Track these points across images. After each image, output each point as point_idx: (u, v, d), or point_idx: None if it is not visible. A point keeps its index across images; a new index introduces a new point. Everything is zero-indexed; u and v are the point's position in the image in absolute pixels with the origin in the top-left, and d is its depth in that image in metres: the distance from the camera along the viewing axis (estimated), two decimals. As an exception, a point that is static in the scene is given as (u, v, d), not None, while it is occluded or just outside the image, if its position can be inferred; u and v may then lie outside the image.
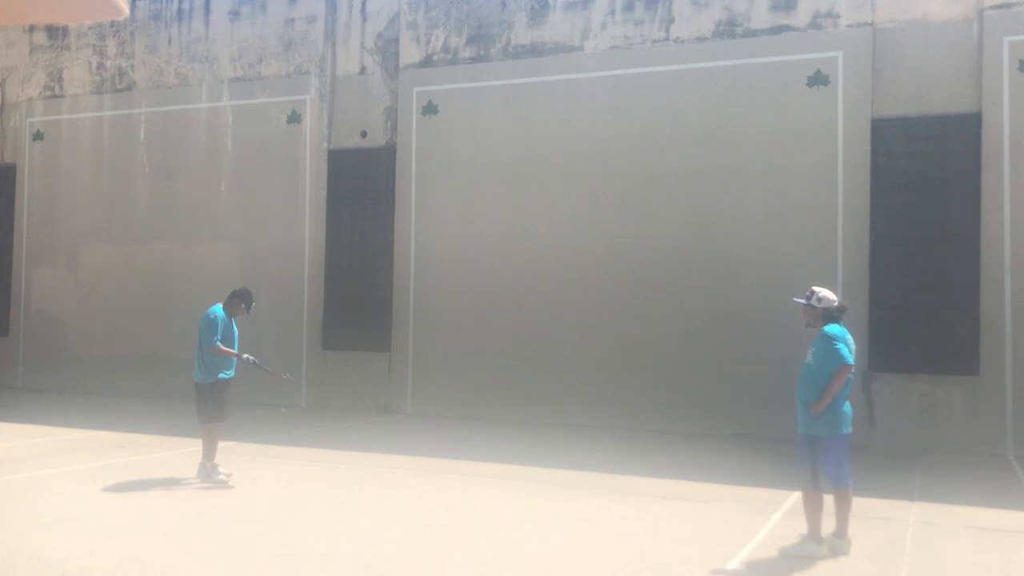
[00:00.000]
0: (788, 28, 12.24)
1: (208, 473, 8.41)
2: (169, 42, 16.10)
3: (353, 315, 14.46)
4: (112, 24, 16.21)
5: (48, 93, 17.08)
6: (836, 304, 6.82)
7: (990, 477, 9.49)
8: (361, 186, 14.64)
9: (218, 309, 8.73)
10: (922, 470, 9.86)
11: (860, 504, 8.06)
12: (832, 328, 6.68)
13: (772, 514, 7.60)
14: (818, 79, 11.97)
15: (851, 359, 6.51)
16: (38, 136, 17.07)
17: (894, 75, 11.71)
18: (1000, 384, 11.03)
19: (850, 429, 6.63)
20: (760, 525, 7.19)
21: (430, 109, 14.06)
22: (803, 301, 6.95)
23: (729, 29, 12.53)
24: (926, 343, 11.41)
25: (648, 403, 12.34)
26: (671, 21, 12.82)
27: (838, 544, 6.42)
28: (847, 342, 6.61)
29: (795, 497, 8.30)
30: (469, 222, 13.72)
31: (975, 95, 11.37)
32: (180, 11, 16.01)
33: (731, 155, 12.31)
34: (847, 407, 6.61)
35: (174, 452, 10.27)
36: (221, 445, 8.81)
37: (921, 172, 11.60)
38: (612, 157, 12.89)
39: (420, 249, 14.03)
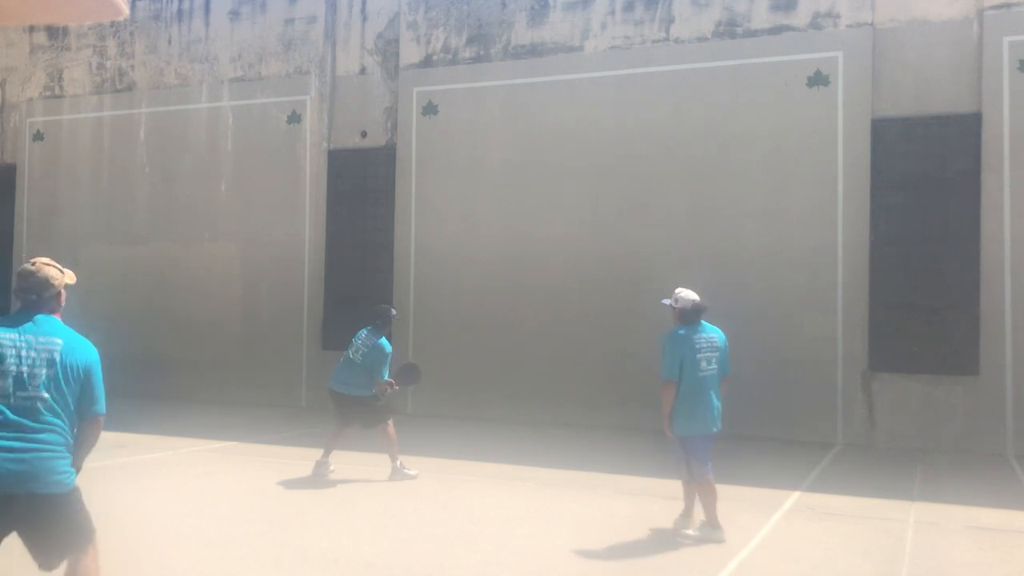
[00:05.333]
0: (788, 28, 12.23)
1: (398, 472, 8.87)
2: (169, 42, 16.11)
3: (353, 315, 14.45)
4: (112, 24, 16.22)
5: (48, 93, 17.08)
6: (691, 305, 6.85)
7: (990, 477, 9.50)
8: (361, 186, 14.65)
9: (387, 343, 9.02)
10: (922, 470, 9.86)
11: (860, 504, 8.07)
12: (672, 333, 6.79)
13: (772, 514, 7.60)
14: (818, 79, 11.97)
15: (668, 374, 6.59)
16: (38, 136, 17.07)
17: (894, 75, 11.71)
18: (1000, 384, 11.03)
19: (718, 427, 6.73)
20: (760, 525, 7.19)
21: (430, 109, 14.06)
22: (668, 302, 7.02)
23: (729, 29, 12.53)
24: (926, 343, 11.41)
25: (648, 403, 12.31)
26: (671, 21, 12.82)
27: (716, 533, 6.64)
28: (683, 347, 6.63)
29: (795, 497, 8.32)
30: (469, 222, 13.72)
31: (975, 95, 11.37)
32: (180, 11, 16.02)
33: (731, 155, 12.31)
34: (712, 407, 6.67)
35: (174, 452, 10.27)
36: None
37: (921, 172, 11.60)
38: (612, 157, 12.89)
39: (420, 249, 14.03)
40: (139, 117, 16.24)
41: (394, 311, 9.39)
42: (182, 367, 15.05)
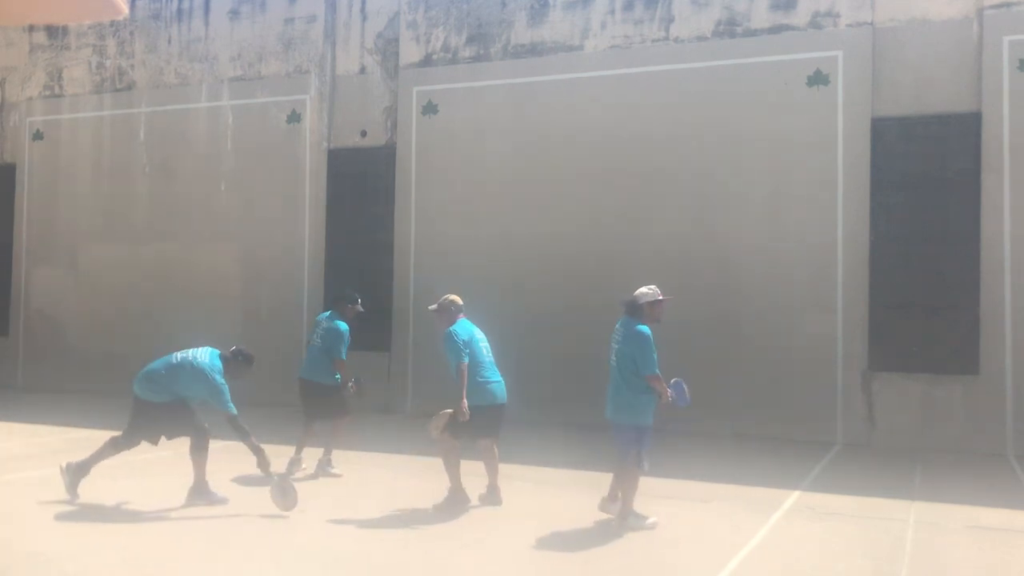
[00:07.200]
0: (788, 28, 12.23)
1: (322, 466, 9.06)
2: (169, 42, 16.10)
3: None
4: (112, 24, 16.21)
5: (48, 93, 17.08)
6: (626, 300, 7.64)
7: (990, 477, 9.49)
8: (361, 186, 14.64)
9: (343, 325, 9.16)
10: (922, 470, 9.86)
11: (860, 504, 8.07)
12: None
13: (772, 514, 7.60)
14: (818, 79, 11.96)
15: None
16: (38, 136, 17.07)
17: (894, 75, 11.70)
18: (1000, 384, 11.02)
19: (615, 419, 7.30)
20: (760, 525, 7.19)
21: (430, 109, 14.06)
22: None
23: (729, 29, 12.53)
24: (926, 343, 11.41)
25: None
26: (671, 20, 12.82)
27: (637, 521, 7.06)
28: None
29: (795, 496, 8.31)
30: (469, 222, 13.71)
31: (975, 95, 11.37)
32: (180, 11, 16.01)
33: (731, 155, 12.31)
34: (610, 396, 7.29)
35: (173, 451, 10.26)
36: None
37: (921, 172, 11.60)
38: (612, 156, 12.89)
39: (420, 249, 14.02)
40: (139, 116, 16.23)
41: (360, 308, 9.52)
42: (182, 367, 15.01)
